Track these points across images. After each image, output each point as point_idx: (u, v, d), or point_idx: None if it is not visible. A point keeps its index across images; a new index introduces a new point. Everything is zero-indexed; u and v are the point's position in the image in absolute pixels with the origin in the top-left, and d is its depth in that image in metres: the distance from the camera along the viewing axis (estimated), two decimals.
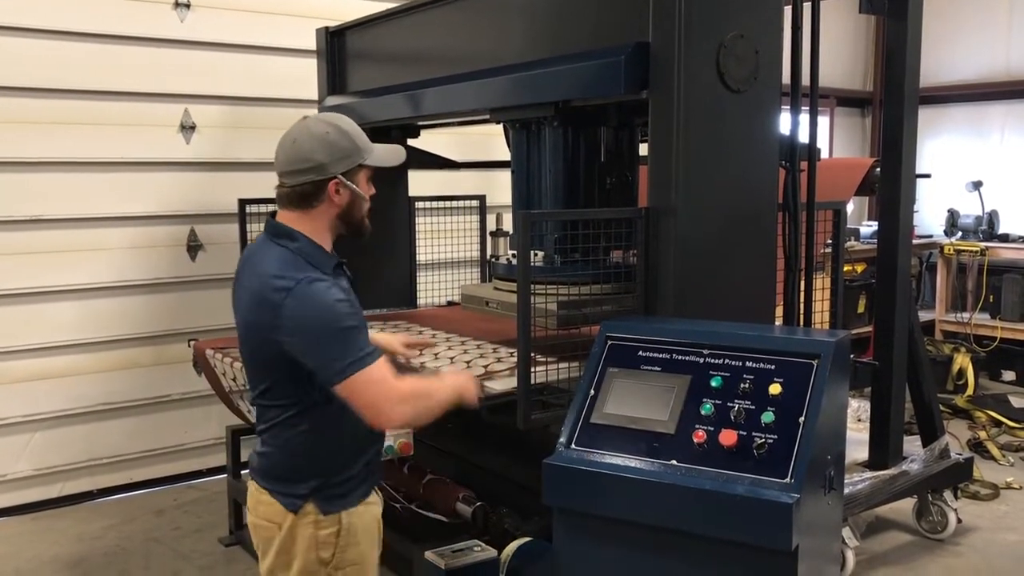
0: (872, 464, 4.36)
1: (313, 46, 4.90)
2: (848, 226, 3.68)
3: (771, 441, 2.17)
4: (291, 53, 5.48)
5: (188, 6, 5.24)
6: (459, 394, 2.50)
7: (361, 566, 2.46)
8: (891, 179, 4.26)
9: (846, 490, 3.22)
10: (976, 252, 7.69)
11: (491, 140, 5.38)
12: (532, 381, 2.80)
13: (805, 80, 3.32)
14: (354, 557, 2.43)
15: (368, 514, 2.48)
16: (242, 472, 2.64)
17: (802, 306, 3.38)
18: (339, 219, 2.43)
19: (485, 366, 3.30)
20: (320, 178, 2.36)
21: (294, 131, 2.41)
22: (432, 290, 5.36)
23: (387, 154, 2.53)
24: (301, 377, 2.31)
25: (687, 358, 2.41)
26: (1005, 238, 7.94)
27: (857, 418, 5.05)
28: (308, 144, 2.37)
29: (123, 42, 5.08)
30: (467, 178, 5.71)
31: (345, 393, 2.26)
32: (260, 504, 2.46)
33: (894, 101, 4.22)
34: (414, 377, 2.54)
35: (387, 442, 2.66)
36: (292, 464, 2.41)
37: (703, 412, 2.28)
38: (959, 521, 4.55)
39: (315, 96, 4.90)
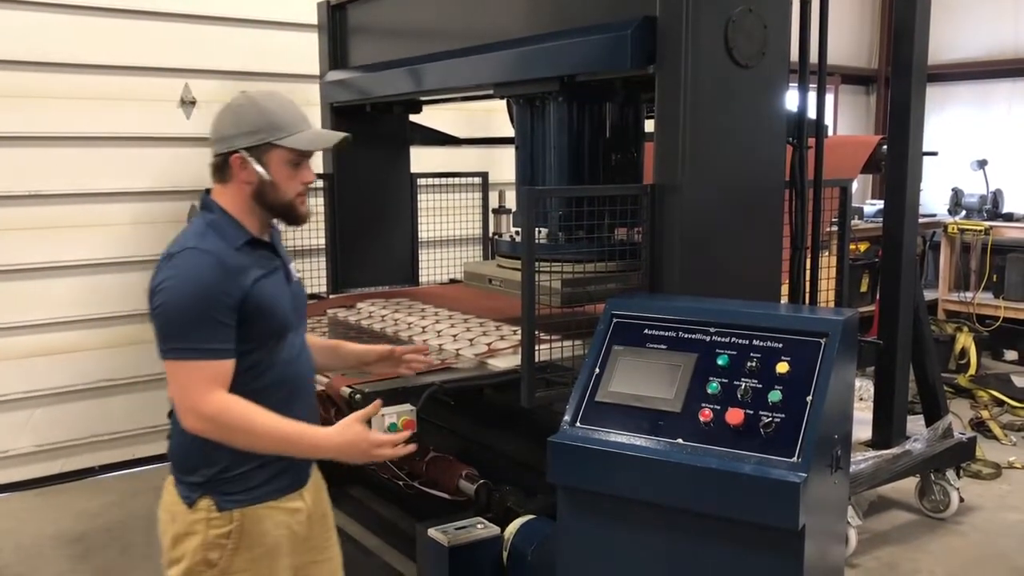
0: (875, 443, 4.37)
1: (314, 20, 4.85)
2: (852, 204, 3.65)
3: (778, 420, 2.15)
4: (292, 27, 5.43)
5: None
6: (311, 453, 2.30)
7: (254, 574, 2.26)
8: (898, 157, 4.23)
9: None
10: (980, 231, 7.66)
11: (494, 116, 5.34)
12: (536, 359, 2.78)
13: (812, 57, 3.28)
14: (243, 565, 2.25)
15: (272, 519, 2.28)
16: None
17: (807, 284, 3.36)
18: (254, 199, 2.26)
19: (488, 344, 3.29)
20: (224, 151, 2.24)
21: (228, 102, 2.31)
22: (434, 268, 5.33)
23: (312, 138, 2.32)
24: None
25: (693, 336, 2.39)
26: (1009, 217, 7.91)
27: (859, 397, 5.05)
28: (224, 116, 2.27)
29: (123, 15, 5.03)
30: (470, 155, 5.67)
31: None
32: (165, 491, 2.32)
33: (902, 78, 4.18)
34: (243, 405, 2.16)
35: (390, 420, 2.63)
36: (187, 448, 2.24)
37: (709, 391, 2.26)
38: (961, 500, 4.55)
39: (316, 71, 4.85)
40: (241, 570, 2.26)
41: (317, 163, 4.89)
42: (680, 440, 2.23)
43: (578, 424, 2.37)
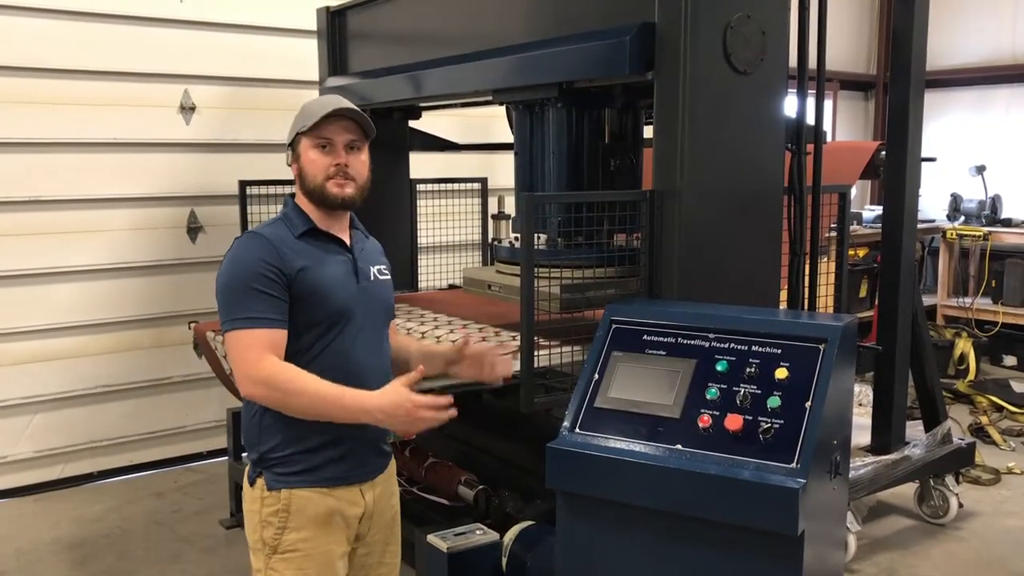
0: (874, 449, 4.36)
1: (314, 26, 4.86)
2: (851, 210, 3.66)
3: (777, 426, 2.16)
4: (292, 33, 5.45)
5: None
6: (356, 416, 2.26)
7: (303, 554, 2.32)
8: (897, 163, 4.23)
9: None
10: (978, 237, 7.68)
11: (493, 122, 5.34)
12: (535, 365, 2.78)
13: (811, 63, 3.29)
14: (294, 542, 2.32)
15: (322, 504, 2.33)
16: (243, 454, 2.59)
17: (807, 290, 3.36)
18: (300, 188, 2.44)
19: None
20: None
21: None
22: (434, 273, 5.34)
23: (318, 119, 2.37)
24: None
25: (692, 342, 2.39)
26: (1008, 223, 7.92)
27: (858, 403, 5.04)
28: None
29: (123, 22, 5.04)
30: (469, 160, 5.68)
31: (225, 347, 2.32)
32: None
33: (900, 84, 4.19)
34: (292, 369, 2.24)
35: None
36: (249, 426, 2.39)
37: (708, 396, 2.26)
38: (960, 506, 4.55)
39: (316, 77, 4.86)
40: (290, 550, 2.33)
41: None
42: (679, 446, 2.23)
43: (577, 430, 2.37)
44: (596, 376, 2.43)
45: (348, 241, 2.47)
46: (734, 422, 2.19)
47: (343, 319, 2.36)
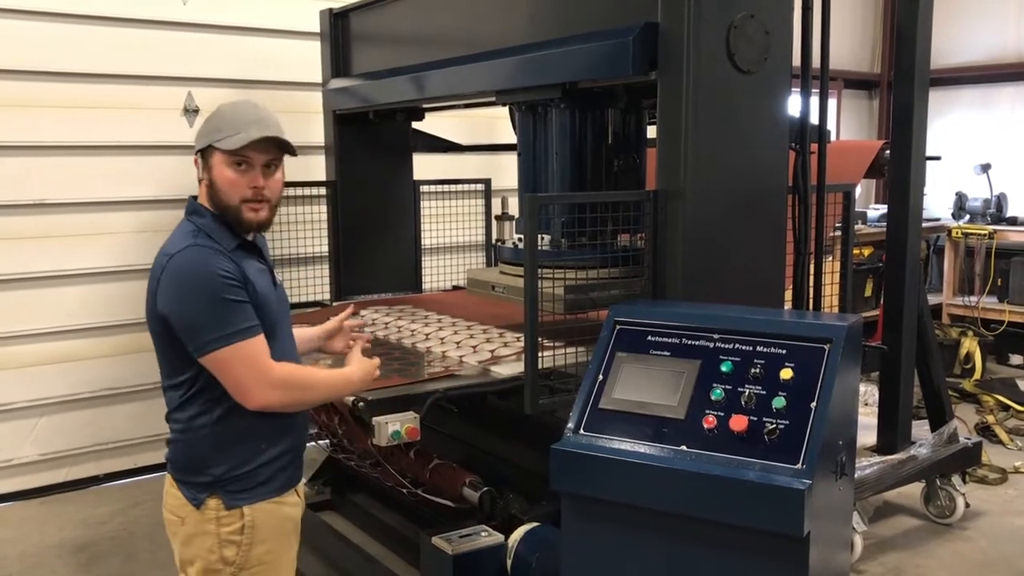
0: (880, 449, 4.35)
1: (317, 28, 4.87)
2: (855, 209, 3.65)
3: (782, 426, 2.15)
4: (295, 35, 5.45)
5: None
6: (345, 391, 2.50)
7: (270, 566, 2.37)
8: (901, 162, 4.22)
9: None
10: (984, 235, 7.65)
11: (496, 123, 5.34)
12: (539, 366, 2.78)
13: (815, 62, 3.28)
14: (261, 555, 2.34)
15: (278, 513, 2.39)
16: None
17: (811, 290, 3.35)
18: (209, 202, 2.36)
19: (491, 350, 3.29)
20: (194, 154, 2.39)
21: None
22: (437, 274, 5.34)
23: (241, 139, 2.29)
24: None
25: (697, 343, 2.38)
26: (1013, 221, 7.89)
27: (864, 402, 5.03)
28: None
29: (126, 24, 5.05)
30: (472, 161, 5.68)
31: (212, 367, 2.21)
32: (168, 495, 2.38)
33: (904, 83, 4.18)
34: (294, 365, 2.38)
35: (394, 427, 2.63)
36: (194, 451, 2.32)
37: (713, 397, 2.26)
38: (967, 506, 4.53)
39: (319, 79, 4.86)
40: (259, 563, 2.35)
41: (319, 171, 4.91)
42: (684, 447, 2.22)
43: (581, 431, 2.36)
44: (600, 377, 2.43)
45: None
46: (739, 423, 2.18)
47: (274, 329, 2.36)
